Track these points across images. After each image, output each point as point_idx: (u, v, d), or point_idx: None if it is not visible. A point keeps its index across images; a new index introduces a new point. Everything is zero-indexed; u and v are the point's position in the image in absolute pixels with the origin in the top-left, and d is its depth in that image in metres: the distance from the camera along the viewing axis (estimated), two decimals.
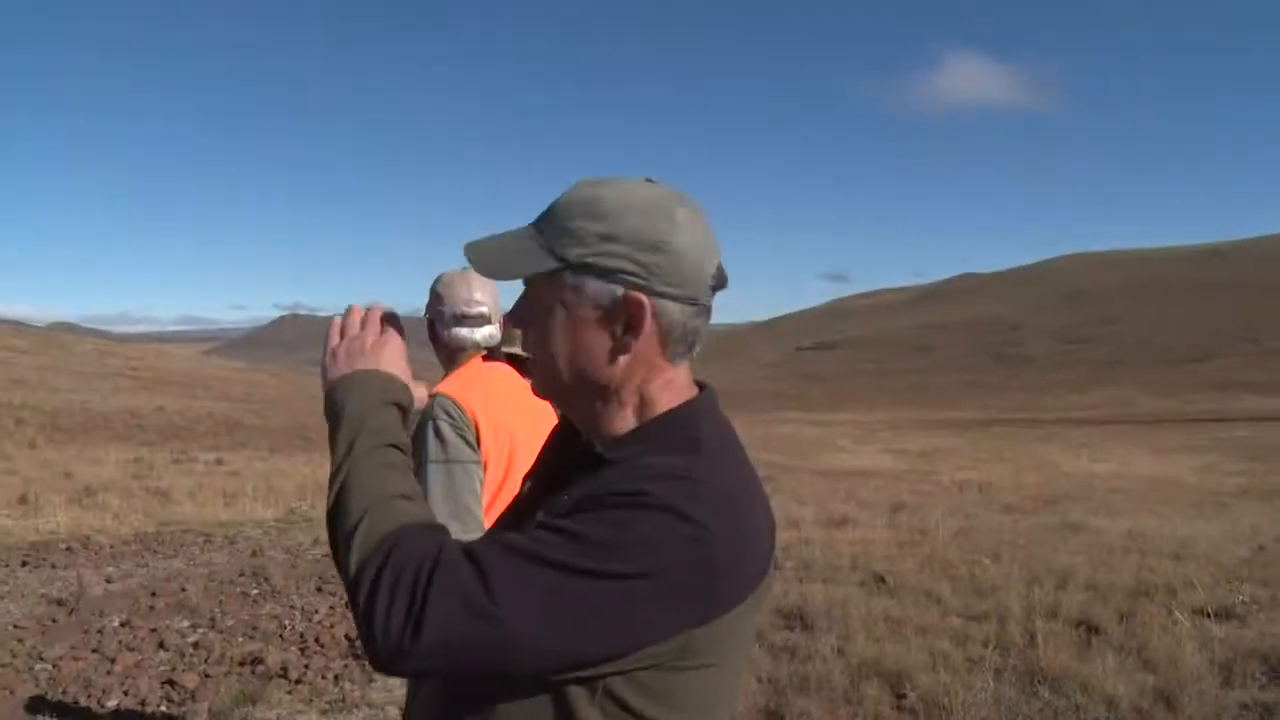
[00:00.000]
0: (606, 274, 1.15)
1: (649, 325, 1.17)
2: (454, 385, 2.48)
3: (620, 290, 1.16)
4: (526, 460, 1.52)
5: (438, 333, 2.64)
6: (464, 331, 2.61)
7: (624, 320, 1.17)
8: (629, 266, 1.15)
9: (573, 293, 1.16)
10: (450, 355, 2.63)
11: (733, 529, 1.09)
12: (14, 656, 5.46)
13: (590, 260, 1.15)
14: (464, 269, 2.66)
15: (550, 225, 1.18)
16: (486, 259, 1.18)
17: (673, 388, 1.21)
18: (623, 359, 1.18)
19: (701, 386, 1.25)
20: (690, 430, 1.17)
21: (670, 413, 1.19)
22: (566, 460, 1.26)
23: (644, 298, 1.16)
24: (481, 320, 2.62)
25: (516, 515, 1.28)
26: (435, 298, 2.64)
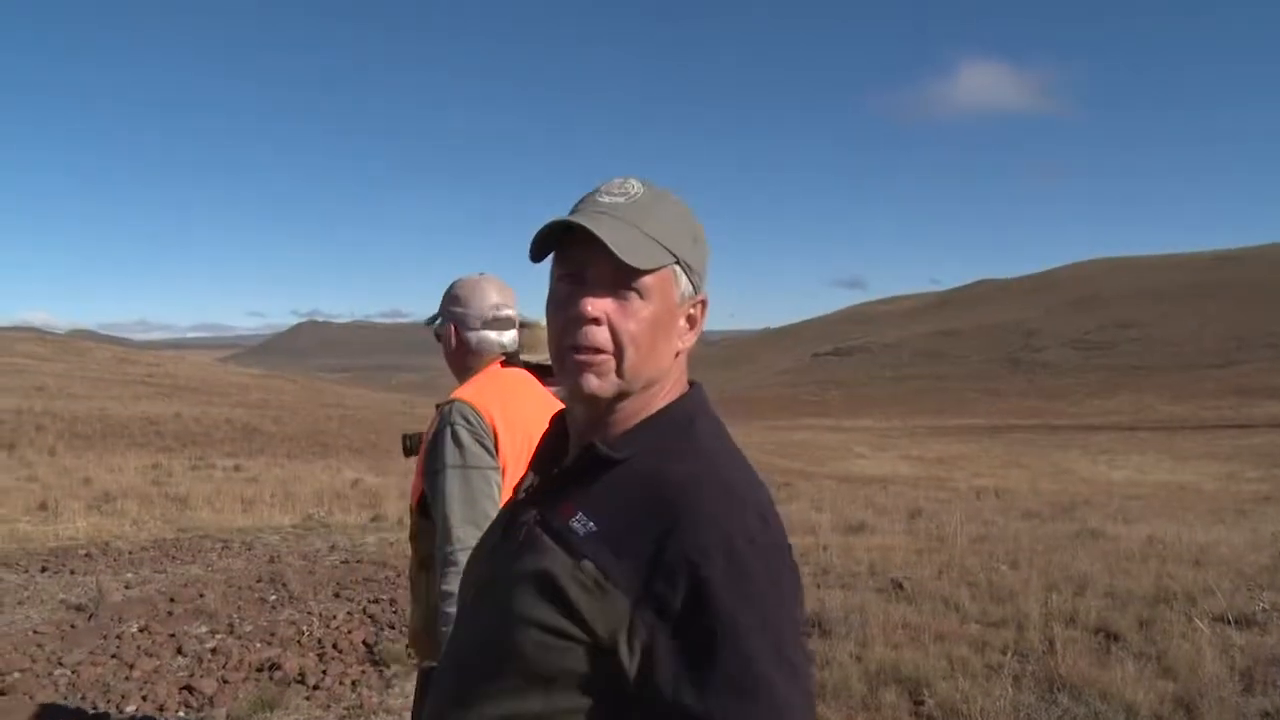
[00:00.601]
0: (691, 272, 1.22)
1: (700, 325, 1.26)
2: (471, 391, 2.46)
3: (696, 289, 1.24)
4: None
5: (462, 337, 2.58)
6: (493, 335, 2.59)
7: (689, 318, 1.25)
8: (700, 268, 1.24)
9: (673, 287, 1.21)
10: (470, 361, 2.59)
11: (773, 519, 1.15)
12: (34, 662, 5.50)
13: (690, 260, 1.22)
14: (480, 274, 2.64)
15: (647, 220, 1.18)
16: (627, 247, 1.14)
17: (678, 385, 1.26)
18: (679, 355, 1.24)
19: (690, 383, 1.29)
20: (687, 426, 1.22)
21: (668, 409, 1.23)
22: (567, 459, 1.27)
23: (706, 297, 1.26)
24: (509, 323, 2.61)
25: (513, 512, 1.28)
26: (456, 301, 2.59)
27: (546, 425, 1.38)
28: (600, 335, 1.16)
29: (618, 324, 1.16)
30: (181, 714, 4.79)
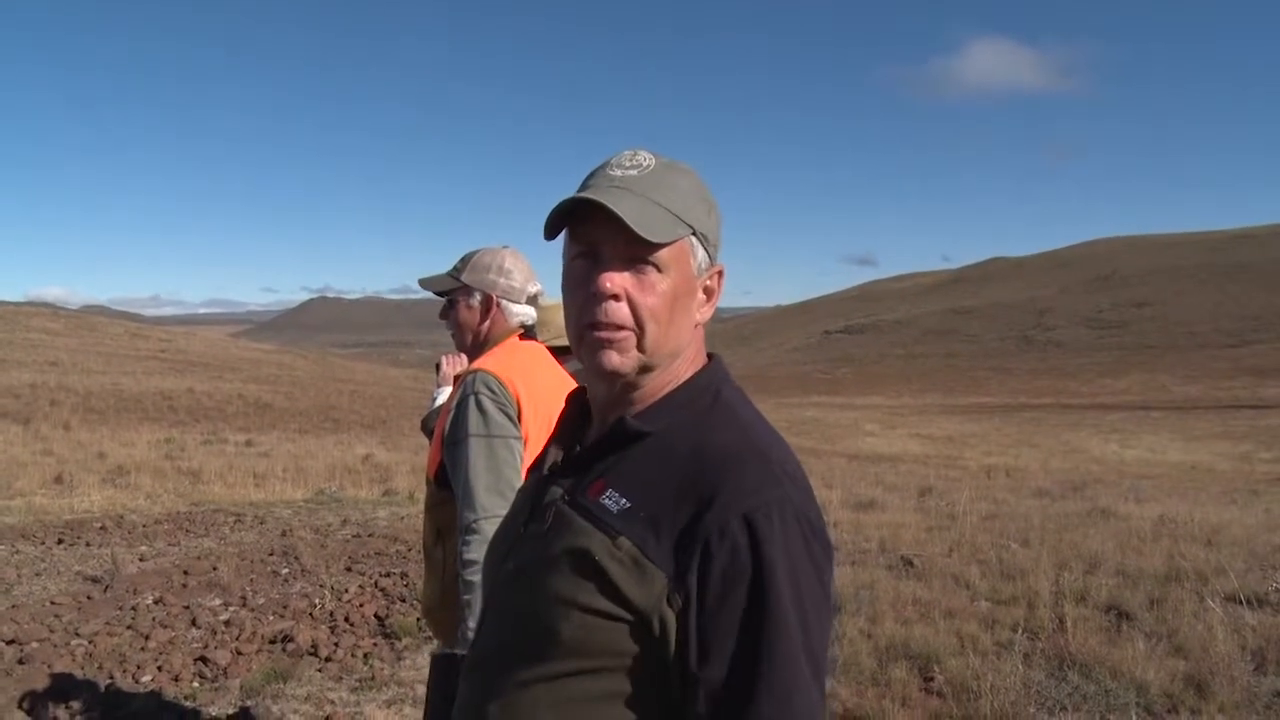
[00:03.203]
0: (707, 243, 1.21)
1: (717, 295, 1.25)
2: (494, 361, 2.45)
3: (712, 259, 1.23)
4: None
5: (504, 309, 2.57)
6: (532, 310, 2.62)
7: (706, 289, 1.24)
8: (716, 238, 1.24)
9: (690, 259, 1.20)
10: (495, 332, 2.58)
11: (809, 490, 1.16)
12: (51, 632, 5.55)
13: (706, 230, 1.21)
14: (504, 246, 2.64)
15: (660, 191, 1.17)
16: (644, 221, 1.13)
17: (698, 358, 1.25)
18: (698, 327, 1.24)
19: (709, 355, 1.28)
20: (714, 397, 1.21)
21: (692, 381, 1.22)
22: (590, 435, 1.27)
23: (723, 267, 1.25)
24: (537, 300, 2.64)
25: (538, 492, 1.27)
26: (503, 273, 2.56)
27: (563, 403, 1.37)
28: (620, 311, 1.14)
29: (637, 299, 1.15)
30: (196, 684, 4.83)
